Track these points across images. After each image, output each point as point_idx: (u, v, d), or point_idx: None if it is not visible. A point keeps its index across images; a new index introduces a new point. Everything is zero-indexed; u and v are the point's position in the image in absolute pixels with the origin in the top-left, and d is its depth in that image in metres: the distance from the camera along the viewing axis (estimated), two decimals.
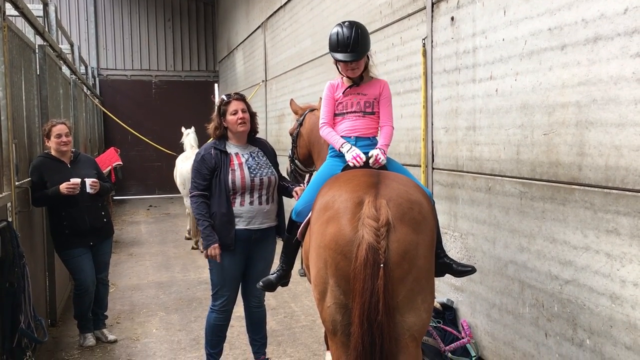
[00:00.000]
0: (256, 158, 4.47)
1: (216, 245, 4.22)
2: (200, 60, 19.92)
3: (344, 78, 3.65)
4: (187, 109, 18.46)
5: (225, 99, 4.46)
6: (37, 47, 5.95)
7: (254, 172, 4.35)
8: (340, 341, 2.91)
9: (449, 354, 4.89)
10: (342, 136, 3.63)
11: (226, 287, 4.43)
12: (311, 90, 9.15)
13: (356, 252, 2.72)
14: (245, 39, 14.70)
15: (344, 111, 3.65)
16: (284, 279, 3.99)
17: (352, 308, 2.75)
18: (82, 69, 13.53)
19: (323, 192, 3.18)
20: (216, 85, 20.05)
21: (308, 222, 3.62)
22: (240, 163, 4.37)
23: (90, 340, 5.52)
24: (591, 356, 3.73)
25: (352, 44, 3.50)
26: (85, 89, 12.21)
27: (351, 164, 3.53)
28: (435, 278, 3.13)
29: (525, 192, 4.31)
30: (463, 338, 4.98)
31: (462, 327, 5.10)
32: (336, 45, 3.52)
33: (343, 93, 3.63)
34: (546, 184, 4.08)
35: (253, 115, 4.54)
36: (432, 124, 5.56)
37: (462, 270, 3.59)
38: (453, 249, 5.27)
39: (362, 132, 3.63)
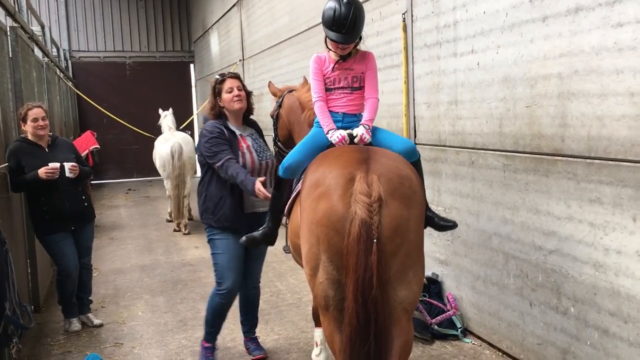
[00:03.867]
0: (257, 140, 4.42)
1: (258, 180, 3.91)
2: (175, 41, 19.60)
3: (332, 53, 3.59)
4: (163, 90, 18.20)
5: (220, 77, 4.36)
6: (8, 29, 5.78)
7: (261, 156, 4.30)
8: (333, 316, 2.93)
9: (435, 327, 4.96)
10: (329, 111, 3.59)
11: (232, 270, 4.31)
12: (290, 68, 9.07)
13: (349, 228, 2.72)
14: (220, 18, 14.48)
15: (332, 87, 3.61)
16: (268, 237, 3.88)
17: (345, 283, 2.76)
18: (54, 52, 13.22)
19: (312, 169, 3.17)
20: (192, 65, 19.78)
21: (294, 200, 3.62)
22: (248, 146, 4.29)
23: (76, 325, 5.48)
24: (575, 323, 3.81)
25: (348, 26, 3.38)
26: (58, 71, 11.94)
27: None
28: None
29: (509, 165, 4.35)
30: (449, 310, 5.05)
31: (448, 299, 5.16)
32: (331, 23, 3.39)
33: (332, 69, 3.58)
34: (529, 156, 4.12)
35: (248, 94, 4.44)
36: (414, 100, 5.56)
37: (444, 225, 3.65)
38: None
39: (350, 109, 3.60)
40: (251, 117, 4.60)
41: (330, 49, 3.58)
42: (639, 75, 3.20)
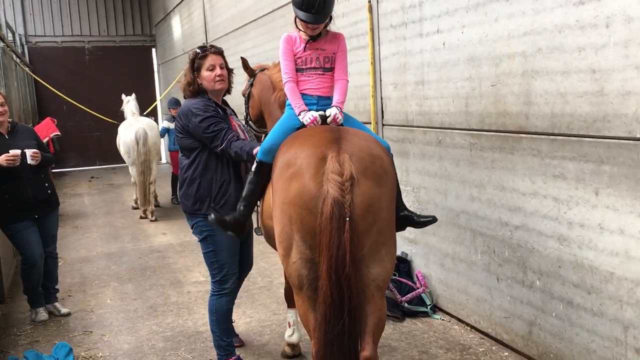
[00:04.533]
0: (239, 121, 4.14)
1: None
2: (136, 24, 19.16)
3: (302, 33, 3.56)
4: (124, 75, 17.80)
5: (200, 52, 3.94)
6: None
7: (250, 137, 4.06)
8: (307, 295, 2.95)
9: (406, 304, 5.03)
10: (303, 94, 3.55)
11: (234, 264, 4.03)
12: (255, 51, 8.98)
13: (321, 207, 2.73)
14: (182, 1, 14.21)
15: (304, 67, 3.56)
16: (239, 225, 3.68)
17: (319, 262, 2.78)
18: (10, 36, 12.79)
19: (284, 150, 3.16)
20: (154, 49, 19.40)
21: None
22: (239, 125, 4.02)
23: (43, 314, 5.38)
24: (541, 296, 3.92)
25: (318, 5, 3.33)
26: (14, 57, 11.57)
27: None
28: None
29: (475, 144, 4.41)
30: (418, 288, 5.13)
31: (417, 277, 5.24)
32: (300, 2, 3.34)
33: (303, 48, 3.54)
34: (495, 134, 4.19)
35: (230, 72, 4.08)
36: (381, 81, 5.58)
37: (424, 221, 3.64)
38: (406, 203, 5.35)
39: (324, 91, 3.57)
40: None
41: (300, 29, 3.54)
42: (600, 52, 3.27)
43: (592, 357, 3.56)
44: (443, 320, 4.93)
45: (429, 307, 5.05)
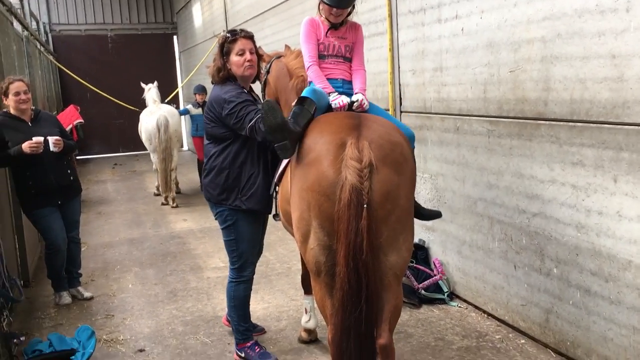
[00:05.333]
0: None
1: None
2: (157, 12, 19.28)
3: (324, 19, 3.55)
4: (146, 63, 17.95)
5: (230, 36, 3.82)
6: None
7: None
8: (324, 282, 2.97)
9: (423, 291, 5.04)
10: (328, 78, 3.55)
11: (253, 253, 4.09)
12: (274, 38, 8.98)
13: (339, 194, 2.73)
14: None
15: (325, 53, 3.56)
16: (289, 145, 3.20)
17: (337, 249, 2.78)
18: (34, 25, 12.97)
19: (304, 135, 3.15)
20: (175, 37, 19.51)
21: (284, 169, 3.61)
22: None
23: (66, 298, 5.51)
24: (558, 284, 3.90)
25: None
26: (38, 45, 11.74)
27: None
28: None
29: (493, 130, 4.38)
30: (435, 275, 5.13)
31: (435, 265, 5.24)
32: None
33: (324, 35, 3.54)
34: (513, 120, 4.15)
35: (259, 57, 3.97)
36: (399, 67, 5.55)
37: (428, 215, 3.68)
38: (423, 190, 5.36)
39: (346, 75, 3.60)
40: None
41: (323, 15, 3.53)
42: (620, 37, 3.21)
43: (608, 345, 3.54)
44: (460, 307, 4.93)
45: (446, 294, 5.05)
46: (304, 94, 3.38)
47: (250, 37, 3.89)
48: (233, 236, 3.97)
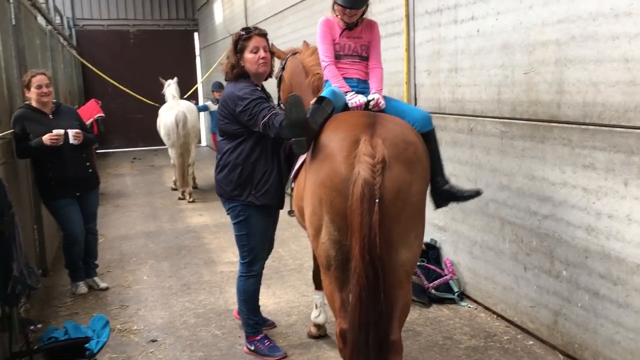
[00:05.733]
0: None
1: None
2: (179, 8, 19.44)
3: (339, 18, 3.59)
4: (167, 59, 18.10)
5: (244, 34, 3.87)
6: None
7: None
8: (334, 275, 3.02)
9: (433, 291, 5.07)
10: (344, 77, 3.59)
11: (263, 249, 4.15)
12: (293, 36, 9.03)
13: (352, 188, 2.78)
14: None
15: (341, 53, 3.61)
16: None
17: (351, 244, 2.80)
18: (57, 19, 13.18)
19: (319, 133, 3.20)
20: (196, 34, 19.66)
21: (300, 166, 3.67)
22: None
23: (83, 288, 5.62)
24: (567, 286, 3.91)
25: None
26: (61, 39, 11.93)
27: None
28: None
29: (506, 132, 4.39)
30: (446, 275, 5.15)
31: (445, 265, 5.26)
32: None
33: (339, 35, 3.58)
34: (526, 122, 4.16)
35: (273, 55, 4.05)
36: (415, 67, 5.58)
37: (467, 196, 3.58)
38: None
39: (362, 75, 3.64)
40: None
41: (337, 15, 3.57)
42: (634, 41, 3.22)
43: (616, 349, 3.54)
44: (469, 307, 4.95)
45: (456, 294, 5.07)
46: (323, 94, 3.43)
47: (264, 35, 3.95)
48: (245, 231, 4.03)
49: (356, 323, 2.84)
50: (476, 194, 3.57)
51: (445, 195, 3.56)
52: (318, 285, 4.38)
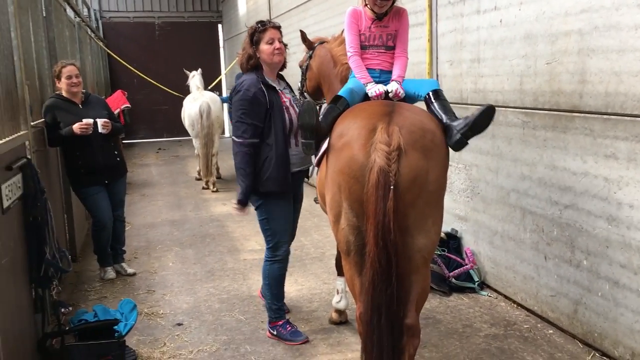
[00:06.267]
0: (292, 94, 4.27)
1: (246, 210, 4.10)
2: (203, 0, 19.61)
3: (368, 9, 3.64)
4: (191, 50, 18.33)
5: (260, 26, 4.06)
6: None
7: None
8: (354, 260, 3.10)
9: (453, 280, 5.11)
10: (367, 68, 3.66)
11: (285, 233, 4.22)
12: (316, 27, 9.09)
13: (368, 176, 2.85)
14: None
15: (367, 44, 3.67)
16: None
17: (366, 229, 2.89)
18: (85, 12, 13.42)
19: (338, 122, 3.28)
20: (220, 25, 19.81)
21: (324, 153, 3.74)
22: (289, 99, 4.14)
23: (111, 273, 5.79)
24: (588, 276, 3.92)
25: None
26: (89, 31, 12.15)
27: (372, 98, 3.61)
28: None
29: (528, 122, 4.40)
30: (467, 265, 5.19)
31: (466, 254, 5.30)
32: None
33: (368, 27, 3.63)
34: (548, 112, 4.17)
35: (285, 47, 4.21)
36: (437, 58, 5.60)
37: (478, 116, 3.16)
38: (457, 181, 5.42)
39: (385, 65, 3.69)
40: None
41: (367, 5, 3.62)
42: None
43: (636, 337, 3.55)
44: (490, 296, 4.99)
45: (476, 283, 5.10)
46: (340, 93, 3.54)
47: (278, 27, 4.14)
48: (265, 215, 4.16)
49: (369, 305, 2.93)
50: (487, 109, 3.17)
51: (461, 126, 3.19)
52: (340, 272, 4.46)
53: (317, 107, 4.14)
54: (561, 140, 4.06)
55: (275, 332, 4.31)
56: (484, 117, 3.17)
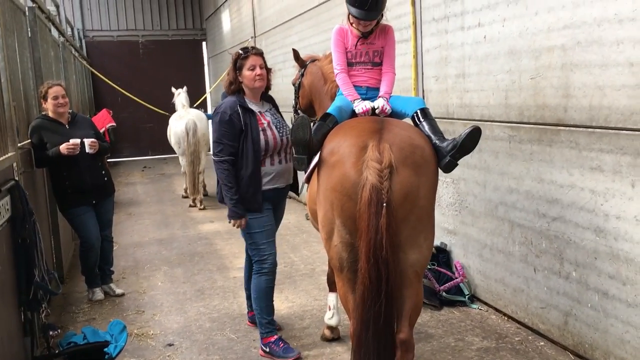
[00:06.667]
0: (275, 116, 4.36)
1: (243, 220, 4.16)
2: (187, 18, 19.68)
3: (353, 27, 3.69)
4: (176, 68, 18.35)
5: (243, 53, 4.23)
6: (27, 9, 5.94)
7: (281, 132, 4.24)
8: (347, 277, 3.12)
9: (444, 294, 5.13)
10: (354, 86, 3.72)
11: (270, 245, 4.31)
12: (301, 44, 9.15)
13: (361, 193, 2.89)
14: None
15: (353, 61, 3.72)
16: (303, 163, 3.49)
17: (359, 246, 2.93)
18: (69, 31, 13.39)
19: (329, 139, 3.31)
20: (204, 43, 19.86)
21: (313, 170, 3.77)
22: (268, 122, 4.22)
23: (99, 294, 5.73)
24: (577, 287, 3.97)
25: (371, 3, 3.46)
26: (73, 50, 12.12)
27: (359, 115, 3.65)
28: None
29: (514, 136, 4.46)
30: (457, 278, 5.22)
31: (456, 268, 5.33)
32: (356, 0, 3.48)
33: (354, 45, 3.68)
34: (533, 126, 4.24)
35: (268, 71, 4.36)
36: (423, 74, 5.67)
37: (466, 137, 3.25)
38: (445, 194, 5.46)
39: (372, 82, 3.74)
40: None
41: (352, 24, 3.67)
42: (638, 46, 3.29)
43: (626, 348, 3.59)
44: (480, 309, 5.01)
45: (467, 296, 5.13)
46: (329, 110, 3.59)
47: (260, 54, 4.25)
48: (246, 230, 4.28)
49: (360, 320, 2.97)
50: (473, 130, 3.27)
51: (449, 148, 3.25)
52: (332, 288, 4.47)
53: (312, 124, 4.18)
54: (547, 153, 4.13)
55: (267, 350, 4.30)
56: (471, 139, 3.27)
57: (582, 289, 3.93)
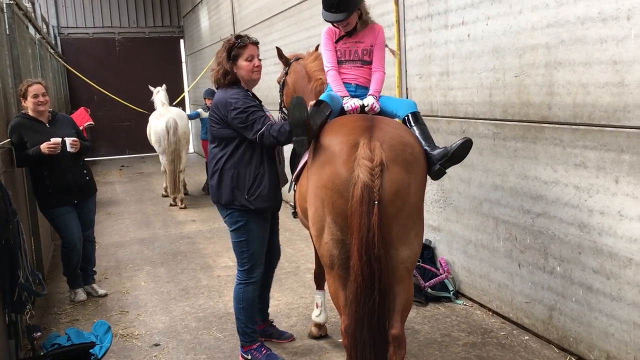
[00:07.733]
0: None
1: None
2: (164, 16, 19.49)
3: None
4: (153, 66, 18.17)
5: (240, 42, 3.90)
6: (5, 5, 5.82)
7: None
8: (338, 274, 3.13)
9: (429, 290, 5.17)
10: (344, 82, 3.73)
11: (262, 254, 4.09)
12: (282, 42, 9.12)
13: (352, 191, 2.90)
14: None
15: (342, 59, 3.74)
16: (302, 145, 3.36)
17: (350, 243, 2.95)
18: (44, 28, 13.16)
19: (319, 137, 3.31)
20: (182, 41, 19.69)
21: (302, 168, 3.76)
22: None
23: (81, 295, 5.65)
24: (561, 282, 4.03)
25: (337, 3, 3.48)
26: (49, 48, 11.92)
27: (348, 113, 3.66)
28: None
29: (498, 133, 4.52)
30: (441, 274, 5.26)
31: (441, 264, 5.38)
32: (324, 2, 3.55)
33: (341, 41, 3.71)
34: (518, 124, 4.29)
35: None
36: (406, 72, 5.70)
37: (457, 147, 3.30)
38: (430, 191, 5.50)
39: (361, 80, 3.76)
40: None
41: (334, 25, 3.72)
42: (621, 44, 3.35)
43: (610, 341, 3.67)
44: (465, 305, 5.06)
45: (451, 292, 5.18)
46: (321, 98, 3.57)
47: (257, 44, 4.02)
48: (244, 237, 3.97)
49: (354, 318, 2.98)
50: (465, 142, 3.34)
51: (440, 156, 3.31)
52: (319, 285, 4.47)
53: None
54: (531, 150, 4.18)
55: (249, 357, 4.15)
56: (462, 149, 3.32)
57: (566, 284, 4.00)
